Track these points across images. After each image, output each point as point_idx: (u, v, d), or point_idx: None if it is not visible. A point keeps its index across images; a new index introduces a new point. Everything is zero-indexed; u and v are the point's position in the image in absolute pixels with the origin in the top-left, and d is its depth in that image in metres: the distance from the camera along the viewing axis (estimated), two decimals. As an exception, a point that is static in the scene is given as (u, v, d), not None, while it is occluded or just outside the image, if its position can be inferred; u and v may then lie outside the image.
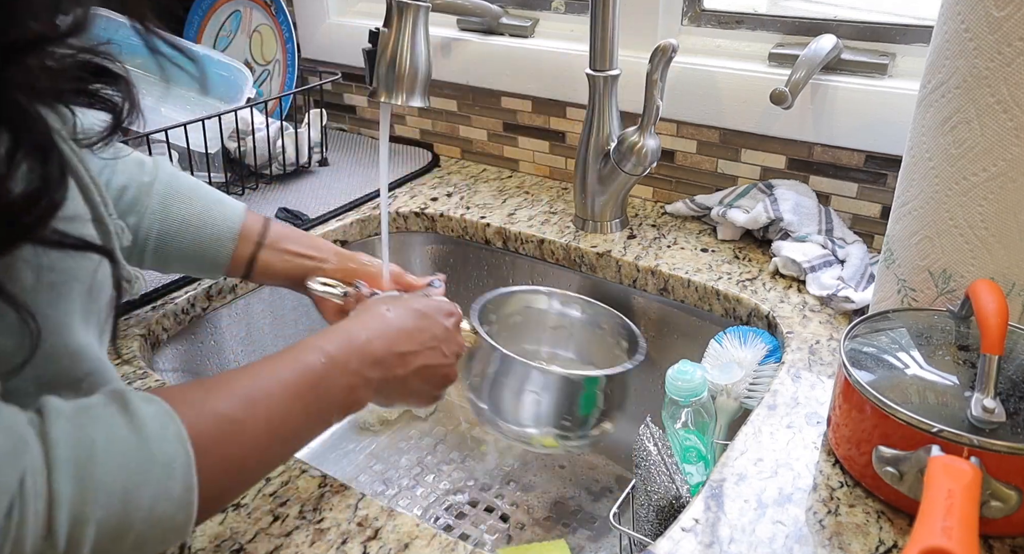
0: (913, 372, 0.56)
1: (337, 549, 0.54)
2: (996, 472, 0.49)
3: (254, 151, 1.04)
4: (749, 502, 0.56)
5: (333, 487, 0.59)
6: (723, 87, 0.93)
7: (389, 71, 0.72)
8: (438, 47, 1.13)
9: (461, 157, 1.21)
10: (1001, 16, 0.54)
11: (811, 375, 0.69)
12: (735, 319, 0.83)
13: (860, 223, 0.91)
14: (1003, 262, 0.60)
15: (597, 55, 0.88)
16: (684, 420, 0.70)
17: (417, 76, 0.73)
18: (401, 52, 0.72)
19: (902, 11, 0.88)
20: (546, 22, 1.10)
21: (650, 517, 0.64)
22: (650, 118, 0.86)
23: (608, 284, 0.93)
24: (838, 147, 0.89)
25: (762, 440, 0.62)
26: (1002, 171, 0.58)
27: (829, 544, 0.52)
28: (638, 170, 0.89)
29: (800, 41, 0.91)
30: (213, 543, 0.54)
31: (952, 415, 0.51)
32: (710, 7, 0.98)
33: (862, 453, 0.55)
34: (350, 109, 1.31)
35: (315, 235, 0.78)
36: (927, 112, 0.61)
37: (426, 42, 0.73)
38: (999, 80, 0.56)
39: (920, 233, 0.64)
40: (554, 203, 1.05)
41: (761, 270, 0.87)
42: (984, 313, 0.53)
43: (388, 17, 0.72)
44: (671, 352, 0.91)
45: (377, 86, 0.72)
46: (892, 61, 0.86)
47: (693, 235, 0.95)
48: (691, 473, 0.67)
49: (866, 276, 0.81)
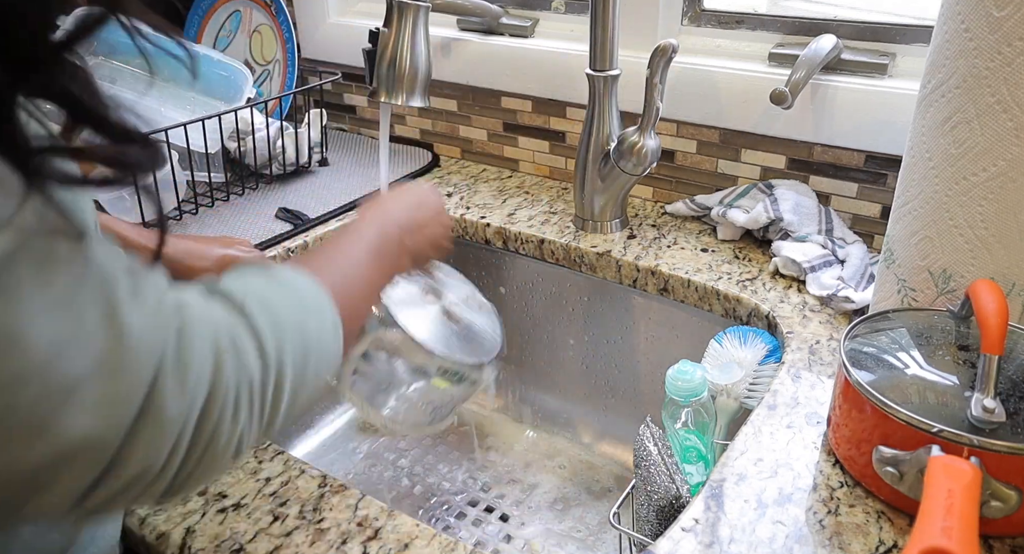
0: (913, 372, 0.56)
1: (337, 549, 0.54)
2: (996, 472, 0.49)
3: (254, 151, 1.04)
4: (749, 502, 0.56)
5: (333, 487, 0.59)
6: (723, 87, 0.93)
7: (389, 71, 0.72)
8: (438, 47, 1.13)
9: (461, 157, 1.21)
10: (1001, 16, 0.54)
11: (811, 375, 0.69)
12: (735, 319, 0.83)
13: (860, 223, 0.91)
14: (1003, 262, 0.60)
15: (597, 55, 0.88)
16: (684, 420, 0.70)
17: (417, 76, 0.73)
18: (401, 52, 0.72)
19: (902, 11, 0.88)
20: (546, 22, 1.10)
21: (650, 517, 0.64)
22: (650, 118, 0.86)
23: (608, 284, 0.93)
24: (838, 147, 0.89)
25: (762, 440, 0.62)
26: (1002, 171, 0.58)
27: (829, 544, 0.52)
28: (638, 170, 0.89)
29: (800, 41, 0.91)
30: (213, 543, 0.54)
31: (952, 415, 0.51)
32: (710, 7, 0.98)
33: (862, 453, 0.55)
34: (350, 109, 1.31)
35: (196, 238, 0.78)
36: (927, 112, 0.61)
37: (426, 42, 0.73)
38: (999, 80, 0.56)
39: (920, 233, 0.64)
40: (554, 203, 1.05)
41: (761, 270, 0.87)
42: (984, 313, 0.53)
43: (388, 17, 0.72)
44: (671, 352, 0.91)
45: (377, 86, 0.72)
46: (892, 61, 0.86)
47: (693, 235, 0.95)
48: (691, 473, 0.67)
49: (866, 276, 0.81)
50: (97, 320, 0.34)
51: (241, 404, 0.39)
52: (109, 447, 0.34)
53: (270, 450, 0.63)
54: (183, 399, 0.36)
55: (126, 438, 0.34)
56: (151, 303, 0.37)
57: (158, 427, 0.35)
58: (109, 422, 0.34)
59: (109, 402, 0.34)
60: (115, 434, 0.34)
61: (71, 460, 0.33)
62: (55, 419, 0.32)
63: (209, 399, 0.37)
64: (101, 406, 0.33)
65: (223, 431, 0.38)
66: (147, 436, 0.35)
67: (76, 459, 0.33)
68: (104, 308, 0.34)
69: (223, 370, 0.38)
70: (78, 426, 0.33)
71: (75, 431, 0.33)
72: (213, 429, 0.38)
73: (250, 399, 0.39)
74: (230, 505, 0.58)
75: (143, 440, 0.35)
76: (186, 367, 0.36)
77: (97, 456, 0.34)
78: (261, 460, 0.62)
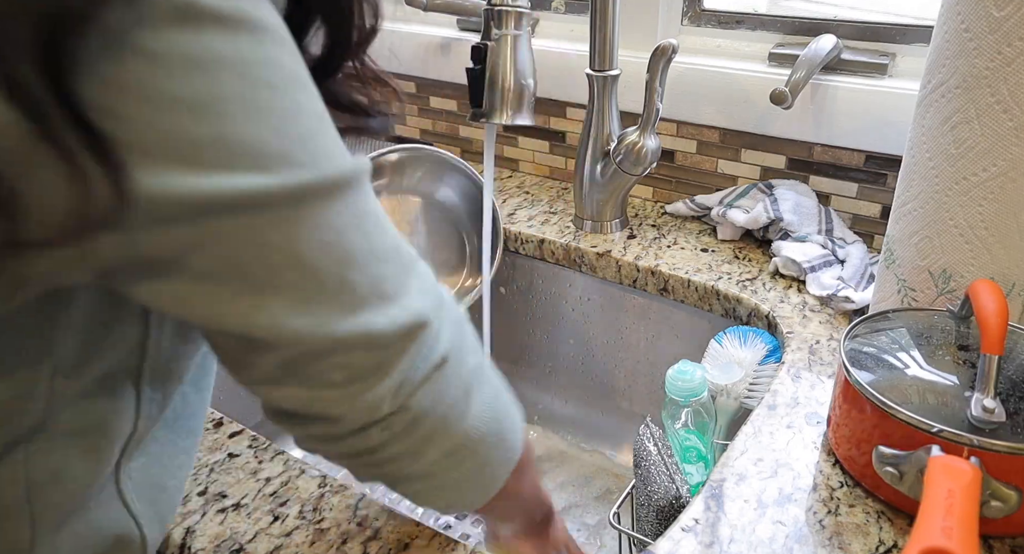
0: (913, 372, 0.56)
1: (337, 549, 0.54)
2: (996, 472, 0.49)
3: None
4: (749, 502, 0.56)
5: (333, 487, 0.59)
6: (723, 87, 0.93)
7: (492, 88, 0.69)
8: (438, 47, 1.13)
9: (461, 157, 1.21)
10: (1001, 16, 0.54)
11: (811, 375, 0.69)
12: (735, 319, 0.83)
13: (860, 223, 0.91)
14: (1003, 262, 0.60)
15: (597, 55, 0.88)
16: (684, 420, 0.70)
17: (524, 91, 0.69)
18: (504, 66, 0.68)
19: (902, 11, 0.88)
20: (546, 22, 1.10)
21: (650, 517, 0.64)
22: (650, 118, 0.86)
23: (608, 284, 0.93)
24: (838, 147, 0.89)
25: (762, 440, 0.62)
26: (1002, 171, 0.58)
27: (829, 544, 0.52)
28: (638, 170, 0.89)
29: (800, 41, 0.91)
30: (213, 543, 0.54)
31: (952, 415, 0.51)
32: (710, 7, 0.98)
33: (862, 453, 0.55)
34: (350, 109, 1.31)
35: None
36: (927, 112, 0.61)
37: (530, 52, 0.70)
38: (999, 80, 0.56)
39: (920, 233, 0.64)
40: (554, 203, 1.05)
41: (761, 270, 0.87)
42: (984, 313, 0.53)
43: (486, 29, 0.68)
44: (671, 352, 0.91)
45: (483, 107, 0.68)
46: (892, 61, 0.86)
47: (693, 235, 0.95)
48: (691, 473, 0.67)
49: (866, 276, 0.81)
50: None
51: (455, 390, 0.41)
52: (428, 328, 0.38)
53: (270, 450, 0.63)
54: (439, 343, 0.39)
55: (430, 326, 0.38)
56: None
57: (446, 324, 0.40)
58: (431, 304, 0.38)
59: (428, 289, 0.39)
60: (435, 316, 0.38)
61: (406, 335, 0.37)
62: (404, 293, 0.37)
63: (444, 362, 0.40)
64: (425, 291, 0.38)
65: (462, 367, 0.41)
66: (447, 326, 0.40)
67: (408, 334, 0.37)
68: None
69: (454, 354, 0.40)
70: (418, 302, 0.37)
71: (417, 305, 0.37)
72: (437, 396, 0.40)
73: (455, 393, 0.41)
74: (230, 505, 0.58)
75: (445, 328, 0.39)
76: (443, 322, 0.40)
77: (430, 332, 0.38)
78: (261, 460, 0.62)
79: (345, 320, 0.35)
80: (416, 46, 1.16)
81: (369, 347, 0.36)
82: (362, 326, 0.35)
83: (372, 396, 0.37)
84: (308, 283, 0.33)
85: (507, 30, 0.68)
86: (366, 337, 0.35)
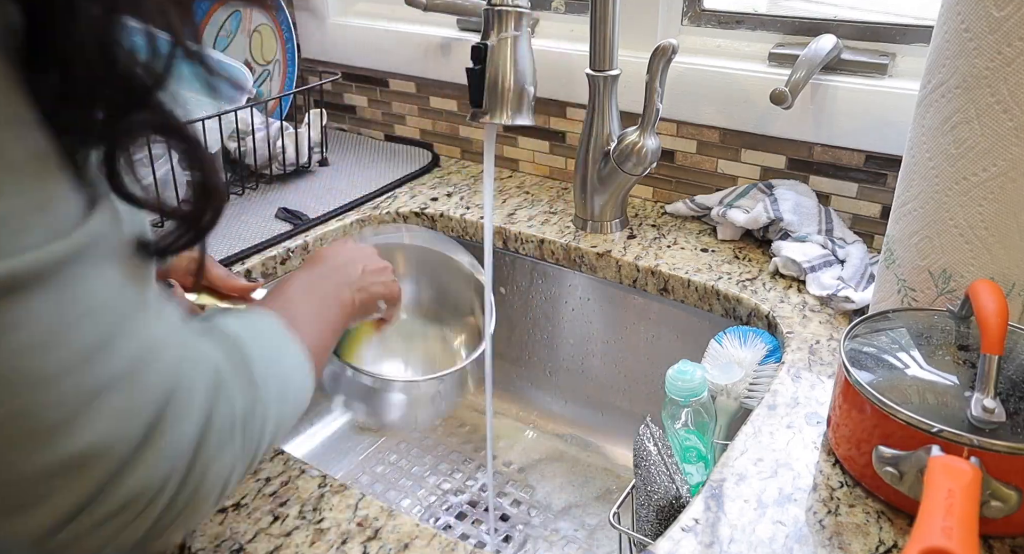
0: (913, 372, 0.56)
1: (337, 549, 0.54)
2: (996, 472, 0.49)
3: (254, 151, 1.04)
4: (749, 502, 0.56)
5: (333, 487, 0.59)
6: (723, 87, 0.93)
7: (492, 88, 0.68)
8: (438, 47, 1.13)
9: (461, 157, 1.21)
10: (1001, 16, 0.54)
11: (811, 375, 0.69)
12: (735, 319, 0.83)
13: (860, 223, 0.91)
14: (1003, 262, 0.60)
15: (597, 55, 0.87)
16: (684, 420, 0.70)
17: (524, 91, 0.69)
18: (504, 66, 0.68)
19: (902, 11, 0.88)
20: (546, 22, 1.10)
21: (650, 517, 0.64)
22: (650, 118, 0.86)
23: (608, 284, 0.93)
24: (838, 147, 0.89)
25: (762, 440, 0.62)
26: (1002, 171, 0.58)
27: (829, 544, 0.52)
28: (638, 170, 0.89)
29: (800, 41, 0.91)
30: (213, 543, 0.54)
31: (952, 415, 0.51)
32: (710, 7, 0.98)
33: (862, 453, 0.55)
34: (350, 109, 1.31)
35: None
36: (927, 112, 0.61)
37: (530, 51, 0.70)
38: (999, 80, 0.56)
39: (920, 233, 0.64)
40: (554, 203, 1.05)
41: (761, 270, 0.87)
42: (984, 313, 0.53)
43: (486, 29, 0.67)
44: (671, 352, 0.91)
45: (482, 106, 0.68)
46: (892, 61, 0.86)
47: (693, 235, 0.95)
48: (691, 473, 0.67)
49: (866, 276, 0.81)
50: (134, 330, 0.35)
51: (235, 436, 0.40)
52: (116, 459, 0.34)
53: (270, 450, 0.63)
54: (187, 423, 0.36)
55: (133, 452, 0.34)
56: (173, 323, 0.38)
57: (162, 447, 0.35)
58: (122, 432, 0.34)
59: (126, 412, 0.34)
60: (125, 446, 0.34)
61: (77, 469, 0.33)
62: (75, 422, 0.32)
63: (207, 427, 0.38)
64: (118, 415, 0.34)
65: (216, 462, 0.38)
66: (151, 455, 0.35)
67: (82, 468, 0.33)
68: (142, 319, 0.35)
69: (220, 401, 0.39)
70: (93, 431, 0.33)
71: (89, 436, 0.33)
72: (208, 460, 0.38)
73: (243, 431, 0.40)
74: (230, 505, 0.58)
75: (146, 459, 0.35)
76: (190, 392, 0.37)
77: (103, 467, 0.34)
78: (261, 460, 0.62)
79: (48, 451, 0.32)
80: (416, 46, 1.16)
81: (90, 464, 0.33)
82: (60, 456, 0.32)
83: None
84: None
85: (507, 30, 0.68)
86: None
